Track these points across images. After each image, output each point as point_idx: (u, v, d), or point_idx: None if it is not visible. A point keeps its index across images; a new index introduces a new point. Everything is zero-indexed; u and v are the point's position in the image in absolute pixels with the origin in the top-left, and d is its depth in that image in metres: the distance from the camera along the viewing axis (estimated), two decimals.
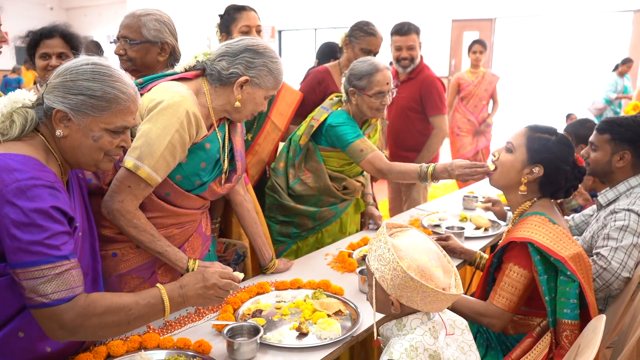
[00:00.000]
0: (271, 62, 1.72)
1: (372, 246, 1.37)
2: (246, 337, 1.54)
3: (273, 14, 12.43)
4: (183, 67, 1.76)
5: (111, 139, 1.35)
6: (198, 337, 1.54)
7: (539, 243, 1.63)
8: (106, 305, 1.28)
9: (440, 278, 1.29)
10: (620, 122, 2.13)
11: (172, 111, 1.59)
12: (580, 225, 2.43)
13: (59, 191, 1.26)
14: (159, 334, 1.59)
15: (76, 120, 1.29)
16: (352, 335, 1.60)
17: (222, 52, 1.71)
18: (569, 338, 1.59)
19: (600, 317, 1.37)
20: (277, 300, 1.84)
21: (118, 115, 1.33)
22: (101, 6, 16.08)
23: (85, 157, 1.35)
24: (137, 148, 1.58)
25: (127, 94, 1.34)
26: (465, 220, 2.82)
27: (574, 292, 1.59)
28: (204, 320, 1.70)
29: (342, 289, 1.89)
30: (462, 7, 10.48)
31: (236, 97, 1.70)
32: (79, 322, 1.24)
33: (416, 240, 1.35)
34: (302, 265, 2.20)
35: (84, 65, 1.31)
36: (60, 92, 1.29)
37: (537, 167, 1.76)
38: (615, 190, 2.13)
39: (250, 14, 2.55)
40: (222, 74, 1.69)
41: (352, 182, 2.55)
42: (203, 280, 1.44)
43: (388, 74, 2.36)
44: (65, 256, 1.23)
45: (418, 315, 1.33)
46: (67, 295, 1.22)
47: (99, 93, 1.29)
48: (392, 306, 1.32)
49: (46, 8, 16.53)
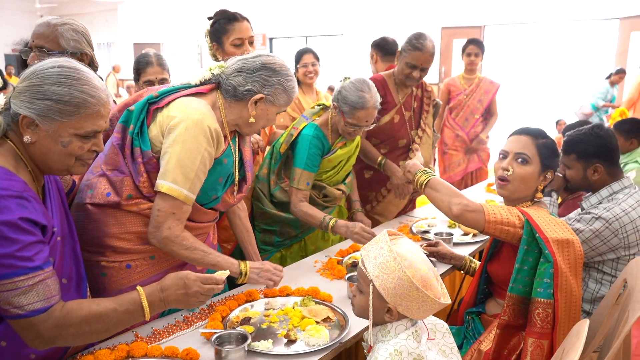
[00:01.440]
0: (286, 81, 1.74)
1: (369, 253, 1.35)
2: (234, 344, 1.54)
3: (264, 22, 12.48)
4: (198, 80, 1.76)
5: (81, 143, 1.31)
6: (186, 346, 1.54)
7: (531, 217, 1.67)
8: (83, 315, 1.27)
9: (437, 288, 1.31)
10: (581, 139, 2.17)
11: (198, 130, 1.60)
12: None
13: (28, 200, 1.23)
14: (146, 342, 1.58)
15: (43, 126, 1.25)
16: (340, 341, 1.61)
17: (239, 68, 1.71)
18: (540, 316, 1.63)
19: (584, 321, 1.39)
20: (265, 308, 1.85)
21: (88, 120, 1.29)
22: (92, 14, 16.06)
23: (56, 163, 1.31)
24: (171, 171, 1.60)
25: (97, 97, 1.30)
26: (454, 227, 2.83)
27: (548, 272, 1.63)
28: (192, 328, 1.70)
29: (331, 295, 1.90)
30: (452, 14, 10.59)
31: (250, 113, 1.73)
32: (56, 332, 1.23)
33: (413, 249, 1.36)
34: (291, 273, 2.20)
35: (50, 68, 1.27)
36: (26, 97, 1.24)
37: (549, 173, 1.81)
38: (598, 195, 2.17)
39: (243, 25, 2.44)
40: (237, 89, 1.71)
41: (332, 190, 2.55)
42: (185, 287, 1.40)
43: (373, 113, 2.37)
44: (39, 266, 1.21)
45: (403, 321, 1.34)
46: (42, 305, 1.21)
47: (66, 97, 1.25)
48: (388, 314, 1.32)
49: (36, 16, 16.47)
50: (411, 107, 3.00)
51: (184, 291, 1.40)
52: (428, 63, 2.77)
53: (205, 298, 1.45)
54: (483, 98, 4.64)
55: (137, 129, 1.66)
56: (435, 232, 2.62)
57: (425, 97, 3.04)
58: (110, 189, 1.65)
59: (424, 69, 2.78)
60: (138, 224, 1.67)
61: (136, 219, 1.67)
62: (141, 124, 1.66)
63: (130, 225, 1.67)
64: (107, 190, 1.65)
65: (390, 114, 2.91)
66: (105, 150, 1.67)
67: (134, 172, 1.65)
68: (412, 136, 3.00)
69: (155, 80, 2.58)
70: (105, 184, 1.66)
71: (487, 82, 4.69)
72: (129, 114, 1.69)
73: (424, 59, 2.74)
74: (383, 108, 2.82)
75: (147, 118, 1.67)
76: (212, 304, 1.87)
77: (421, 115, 3.03)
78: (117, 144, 1.68)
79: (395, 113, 2.92)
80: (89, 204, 1.67)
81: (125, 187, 1.64)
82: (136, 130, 1.66)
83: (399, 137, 2.95)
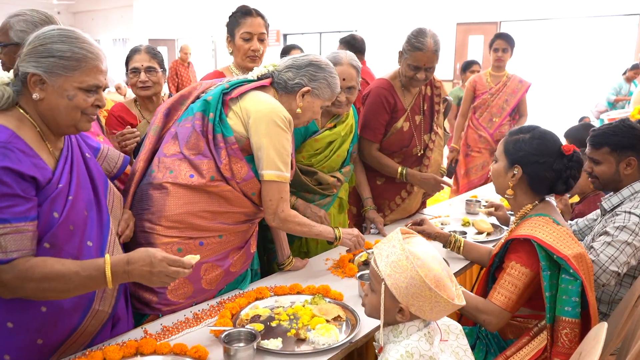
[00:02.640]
0: (330, 77, 1.95)
1: (381, 251, 1.32)
2: (243, 343, 1.52)
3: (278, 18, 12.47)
4: (256, 75, 1.95)
5: (85, 97, 1.41)
6: (195, 343, 1.53)
7: (542, 241, 1.62)
8: (44, 272, 1.31)
9: (451, 288, 1.27)
10: (614, 132, 2.10)
11: (278, 120, 1.80)
12: (584, 230, 2.41)
13: (12, 151, 1.29)
14: (155, 339, 1.57)
15: (50, 82, 1.36)
16: (350, 341, 1.58)
17: (289, 65, 1.93)
18: (569, 336, 1.58)
19: (602, 324, 1.35)
20: (275, 306, 1.83)
21: (89, 74, 1.40)
22: (108, 10, 16.19)
23: (64, 118, 1.41)
24: (272, 161, 1.80)
25: (95, 53, 1.42)
26: (467, 225, 2.79)
27: (576, 290, 1.58)
28: (201, 325, 1.69)
29: (342, 294, 1.87)
30: (467, 10, 10.48)
31: (298, 104, 1.92)
32: (17, 283, 1.29)
33: (427, 248, 1.32)
34: (301, 270, 2.18)
35: (51, 30, 1.39)
36: (32, 58, 1.36)
37: (516, 168, 1.78)
38: (620, 195, 2.11)
39: (255, 20, 2.44)
40: (288, 83, 1.92)
41: (324, 176, 2.42)
42: (150, 265, 1.38)
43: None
44: (6, 219, 1.26)
45: (415, 322, 1.30)
46: (2, 257, 1.27)
47: (68, 54, 1.36)
48: (399, 314, 1.29)
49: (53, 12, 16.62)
50: (421, 109, 2.80)
51: (149, 269, 1.39)
52: (432, 62, 2.56)
53: (170, 280, 1.43)
54: (510, 98, 4.30)
55: (217, 117, 1.83)
56: (449, 231, 2.58)
57: (435, 94, 2.85)
58: (193, 171, 1.80)
59: (429, 68, 2.57)
60: (215, 204, 1.82)
61: (214, 199, 1.82)
62: (220, 113, 1.84)
63: (207, 204, 1.81)
64: (190, 172, 1.80)
65: (400, 122, 2.73)
66: (186, 136, 1.83)
67: (217, 156, 1.81)
68: (426, 141, 2.83)
69: (140, 67, 2.51)
70: (187, 167, 1.81)
71: (516, 81, 4.34)
72: (207, 103, 1.86)
73: (427, 59, 2.53)
74: (393, 116, 2.72)
75: (223, 108, 1.85)
76: (222, 301, 1.86)
77: (433, 117, 2.84)
78: (200, 130, 1.82)
79: (404, 121, 2.73)
80: (169, 183, 1.80)
81: (208, 169, 1.80)
82: (217, 118, 1.83)
83: (412, 146, 2.78)
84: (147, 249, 1.42)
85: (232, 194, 1.83)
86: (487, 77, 4.40)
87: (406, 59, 2.59)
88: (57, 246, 1.39)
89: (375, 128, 2.70)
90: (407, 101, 2.76)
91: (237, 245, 1.94)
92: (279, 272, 2.18)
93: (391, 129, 2.74)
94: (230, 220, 1.87)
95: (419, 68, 2.57)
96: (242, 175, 1.83)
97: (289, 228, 1.93)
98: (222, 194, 1.82)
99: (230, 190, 1.82)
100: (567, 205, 2.90)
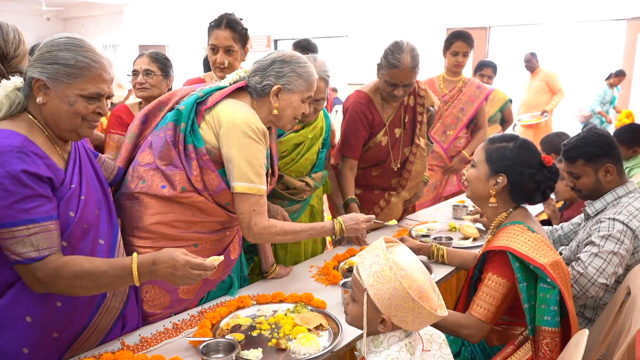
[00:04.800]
0: (299, 67, 1.85)
1: (364, 260, 1.30)
2: (222, 353, 1.50)
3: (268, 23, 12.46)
4: (229, 82, 1.90)
5: (86, 104, 1.44)
6: (174, 354, 1.51)
7: (517, 251, 1.61)
8: (75, 270, 1.37)
9: (434, 299, 1.26)
10: (584, 142, 2.09)
11: (249, 131, 1.74)
12: (569, 235, 2.40)
13: (28, 155, 1.34)
14: (133, 351, 1.55)
15: (53, 88, 1.41)
16: (331, 351, 1.56)
17: (254, 69, 1.87)
18: (549, 345, 1.57)
19: (583, 332, 1.34)
20: (257, 315, 1.81)
21: (91, 82, 1.43)
22: (98, 16, 16.12)
23: (65, 123, 1.44)
24: (242, 172, 1.74)
25: (99, 62, 1.45)
26: (454, 230, 2.79)
27: (554, 299, 1.57)
28: (180, 336, 1.66)
29: (325, 302, 1.85)
30: (457, 15, 10.51)
31: (273, 105, 1.85)
32: (50, 280, 1.35)
33: (410, 257, 1.30)
34: (285, 277, 2.16)
35: (58, 38, 1.44)
36: (39, 64, 1.41)
37: (501, 177, 1.77)
38: (603, 201, 2.11)
39: (222, 33, 2.42)
40: (257, 87, 1.85)
41: (291, 180, 2.36)
42: (173, 268, 1.44)
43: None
44: (35, 220, 1.32)
45: (397, 332, 1.29)
46: (36, 255, 1.33)
47: (71, 62, 1.40)
48: (381, 324, 1.27)
49: (43, 19, 16.57)
50: (402, 122, 2.75)
51: (172, 271, 1.44)
52: (409, 79, 2.50)
53: (193, 281, 1.48)
54: (466, 107, 3.65)
55: (188, 127, 1.78)
56: (435, 237, 2.57)
57: (418, 104, 2.77)
58: (165, 182, 1.77)
59: (407, 84, 2.53)
60: (188, 214, 1.79)
61: (187, 209, 1.78)
62: (192, 123, 1.79)
63: (180, 214, 1.78)
64: (162, 183, 1.76)
65: (378, 136, 2.70)
66: (159, 146, 1.79)
67: (187, 168, 1.76)
68: (406, 154, 2.79)
69: (139, 70, 2.66)
70: (159, 177, 1.77)
71: (473, 87, 3.67)
72: (179, 113, 1.80)
73: (404, 76, 2.48)
74: (371, 131, 2.68)
75: (197, 117, 1.80)
76: (202, 310, 1.83)
77: (414, 129, 2.78)
78: (171, 140, 1.78)
79: (382, 135, 2.70)
80: (141, 193, 1.77)
81: (179, 180, 1.76)
82: (188, 128, 1.78)
83: (389, 160, 2.75)
84: (172, 251, 1.46)
85: (205, 204, 1.79)
86: (440, 81, 3.72)
87: (383, 74, 2.55)
88: (72, 245, 1.45)
89: (354, 145, 2.66)
90: (386, 114, 2.73)
91: (215, 253, 1.89)
92: (263, 280, 2.15)
93: (369, 143, 2.71)
94: (205, 229, 1.84)
95: (396, 85, 2.53)
96: (214, 187, 1.79)
97: (268, 240, 1.86)
98: (195, 204, 1.78)
99: (203, 201, 1.78)
100: (554, 211, 2.90)
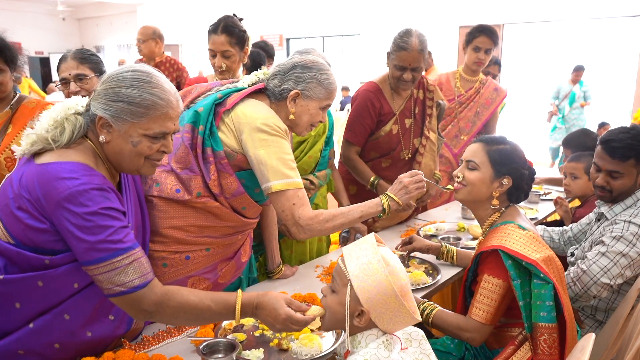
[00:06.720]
0: (319, 74, 1.79)
1: (351, 252, 1.30)
2: (222, 353, 1.49)
3: (281, 22, 12.48)
4: (247, 84, 1.86)
5: (150, 144, 1.38)
6: (175, 354, 1.50)
7: (509, 249, 1.59)
8: (180, 301, 1.35)
9: (413, 301, 1.26)
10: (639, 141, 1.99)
11: (270, 129, 1.68)
12: (578, 235, 2.36)
13: (108, 192, 1.33)
14: (134, 350, 1.55)
15: (116, 127, 1.35)
16: (333, 352, 1.54)
17: (275, 72, 1.82)
18: (547, 342, 1.55)
19: (589, 335, 1.31)
20: None
21: (157, 121, 1.36)
22: (112, 16, 16.29)
23: (127, 162, 1.40)
24: (276, 170, 1.66)
25: (166, 100, 1.37)
26: (463, 231, 2.75)
27: (549, 294, 1.55)
28: (182, 335, 1.66)
29: None
30: (470, 13, 10.42)
31: (290, 110, 1.79)
32: (155, 308, 1.33)
33: (396, 258, 1.31)
34: (291, 278, 2.15)
35: (125, 72, 1.36)
36: (103, 100, 1.35)
37: (506, 179, 1.74)
38: (623, 205, 2.06)
39: (218, 38, 2.42)
40: (276, 91, 1.80)
41: None
42: (274, 319, 1.37)
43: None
44: (131, 247, 1.31)
45: (373, 331, 1.28)
46: (141, 282, 1.31)
47: (137, 100, 1.33)
48: (358, 317, 1.26)
49: (58, 19, 16.78)
50: (412, 113, 2.76)
51: (272, 321, 1.39)
52: (417, 62, 2.53)
53: (291, 331, 1.46)
54: (482, 110, 3.34)
55: (207, 130, 1.73)
56: (442, 237, 2.54)
57: (427, 98, 2.80)
58: (179, 185, 1.72)
59: (415, 68, 2.55)
60: (201, 219, 1.75)
61: (200, 213, 1.75)
62: (211, 125, 1.74)
63: (193, 219, 1.74)
64: (176, 187, 1.72)
65: (389, 125, 2.70)
66: (175, 148, 1.73)
67: (205, 172, 1.72)
68: (415, 145, 2.79)
69: (69, 76, 2.18)
70: (173, 180, 1.73)
71: (491, 89, 3.37)
72: (197, 114, 1.76)
73: (412, 58, 2.51)
74: (381, 120, 2.68)
75: (215, 119, 1.75)
76: None
77: (424, 121, 2.79)
78: (189, 143, 1.74)
79: (393, 124, 2.71)
80: (155, 196, 1.73)
81: (195, 185, 1.72)
82: (206, 131, 1.73)
83: (400, 149, 2.74)
84: (277, 300, 1.38)
85: (219, 209, 1.75)
86: (457, 79, 3.39)
87: (392, 59, 2.58)
88: None
89: (358, 131, 2.67)
90: (396, 104, 2.73)
91: (226, 256, 1.89)
92: (268, 280, 2.14)
93: (379, 131, 2.70)
94: (217, 234, 1.81)
95: (404, 68, 2.56)
96: (232, 190, 1.75)
97: (319, 231, 1.71)
98: (210, 209, 1.75)
99: (217, 206, 1.74)
100: (567, 212, 2.85)
